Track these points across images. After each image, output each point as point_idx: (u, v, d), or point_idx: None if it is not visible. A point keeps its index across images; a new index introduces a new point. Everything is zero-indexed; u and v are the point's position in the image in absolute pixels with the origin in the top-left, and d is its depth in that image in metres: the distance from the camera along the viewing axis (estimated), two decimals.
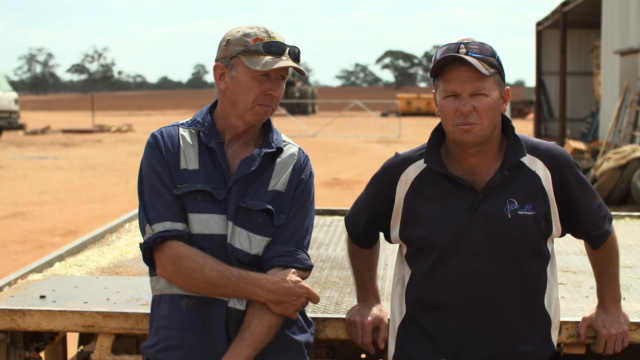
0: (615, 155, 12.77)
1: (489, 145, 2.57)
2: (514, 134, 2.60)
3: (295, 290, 2.56)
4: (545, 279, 2.62)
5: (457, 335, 2.56)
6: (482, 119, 2.48)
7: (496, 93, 2.51)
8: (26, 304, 2.99)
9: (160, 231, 2.55)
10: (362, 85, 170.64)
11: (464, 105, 2.47)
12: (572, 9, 22.41)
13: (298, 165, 2.70)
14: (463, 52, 2.48)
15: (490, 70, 2.48)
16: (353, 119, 38.18)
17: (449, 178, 2.57)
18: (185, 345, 2.56)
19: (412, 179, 2.64)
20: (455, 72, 2.49)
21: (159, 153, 2.62)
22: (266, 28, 2.63)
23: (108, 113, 52.75)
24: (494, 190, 2.56)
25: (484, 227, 2.54)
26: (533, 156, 2.60)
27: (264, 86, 2.58)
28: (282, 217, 2.64)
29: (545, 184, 2.58)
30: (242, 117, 2.62)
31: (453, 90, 2.49)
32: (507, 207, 2.55)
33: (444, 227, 2.56)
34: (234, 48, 2.60)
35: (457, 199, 2.56)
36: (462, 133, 2.49)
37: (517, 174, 2.58)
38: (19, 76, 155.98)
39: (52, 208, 12.74)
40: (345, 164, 19.77)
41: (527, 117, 42.08)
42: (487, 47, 2.52)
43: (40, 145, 25.89)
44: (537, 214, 2.56)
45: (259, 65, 2.55)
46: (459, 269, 2.55)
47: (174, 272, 2.55)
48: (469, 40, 2.52)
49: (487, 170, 2.58)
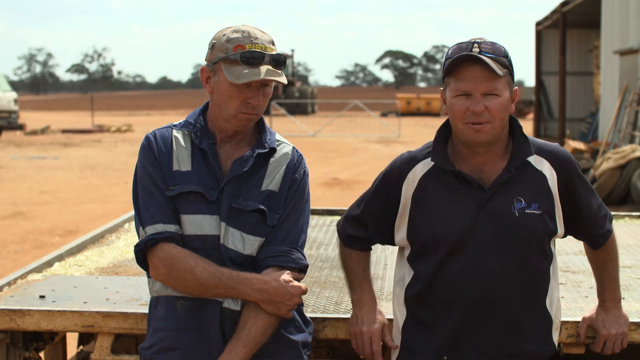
0: (614, 155, 12.77)
1: (496, 145, 2.57)
2: (522, 133, 2.61)
3: (287, 290, 2.56)
4: (549, 278, 2.62)
5: (460, 332, 2.56)
6: (494, 119, 2.49)
7: (507, 93, 2.52)
8: (26, 304, 2.99)
9: (152, 234, 2.56)
10: (361, 85, 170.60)
11: (476, 105, 2.47)
12: (572, 9, 22.40)
13: (291, 165, 2.70)
14: (476, 51, 2.47)
15: (503, 70, 2.49)
16: (353, 119, 38.16)
17: (457, 175, 2.57)
18: (181, 346, 2.57)
19: (419, 177, 2.63)
20: (468, 71, 2.48)
21: (152, 155, 2.63)
22: (251, 32, 2.58)
23: (108, 113, 52.74)
24: (501, 188, 2.56)
25: (491, 224, 2.54)
26: (539, 156, 2.61)
27: (245, 94, 2.57)
28: (275, 217, 2.64)
29: (551, 184, 2.59)
30: (228, 122, 2.63)
31: (466, 89, 2.49)
32: (514, 205, 2.55)
33: (452, 224, 2.56)
34: (217, 54, 2.59)
35: (465, 197, 2.56)
36: (473, 132, 2.49)
37: (524, 173, 2.58)
38: (19, 76, 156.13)
39: (51, 208, 12.74)
40: (345, 164, 19.76)
41: (526, 117, 42.06)
42: (499, 47, 2.52)
43: (40, 145, 25.89)
44: (543, 213, 2.57)
45: (234, 77, 2.54)
46: (466, 266, 2.55)
47: (166, 273, 2.56)
48: (481, 39, 2.51)
49: (494, 169, 2.58)
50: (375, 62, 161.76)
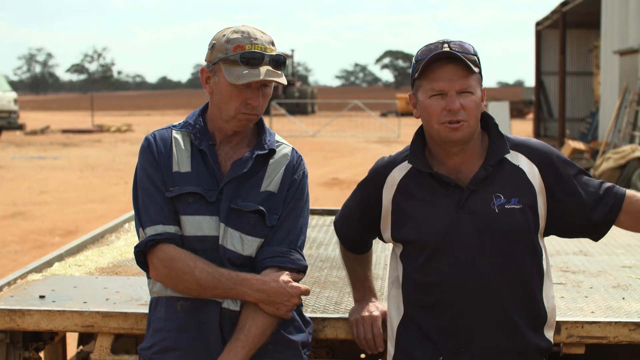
0: (614, 155, 12.77)
1: (471, 144, 2.58)
2: (497, 130, 2.62)
3: (286, 290, 2.56)
4: (540, 274, 2.61)
5: (454, 332, 2.56)
6: (470, 117, 2.50)
7: (479, 91, 2.54)
8: (26, 304, 2.99)
9: (152, 235, 2.56)
10: (361, 85, 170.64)
11: (452, 103, 2.48)
12: (572, 9, 22.41)
13: (291, 166, 2.70)
14: (447, 50, 2.49)
15: (476, 68, 2.50)
16: (353, 119, 38.16)
17: (434, 177, 2.58)
18: (180, 346, 2.57)
19: (398, 181, 2.65)
20: (442, 70, 2.49)
21: (152, 157, 2.63)
22: (251, 33, 2.58)
23: (107, 113, 52.74)
24: (479, 186, 2.56)
25: (472, 223, 2.54)
26: (514, 151, 2.61)
27: (244, 95, 2.57)
28: (274, 218, 2.64)
29: (530, 177, 2.58)
30: (228, 123, 2.63)
31: (441, 88, 2.49)
32: (493, 202, 2.55)
33: (432, 225, 2.56)
34: (217, 54, 2.59)
35: (444, 197, 2.57)
36: (449, 131, 2.50)
37: (501, 169, 2.59)
38: (19, 76, 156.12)
39: (51, 208, 12.74)
40: (345, 164, 19.77)
41: (526, 117, 42.08)
42: (467, 46, 2.54)
43: (40, 145, 25.89)
44: (524, 207, 2.56)
45: (234, 78, 2.54)
46: (451, 267, 2.55)
47: (165, 274, 2.56)
48: (448, 39, 2.53)
49: (471, 168, 2.59)
50: (375, 62, 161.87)
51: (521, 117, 42.18)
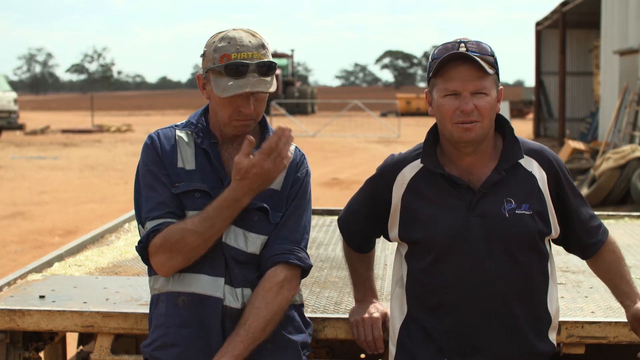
0: (614, 155, 12.76)
1: (484, 145, 2.57)
2: (512, 134, 2.61)
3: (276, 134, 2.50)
4: (546, 278, 2.61)
5: (459, 334, 2.56)
6: (483, 118, 2.49)
7: (494, 92, 2.52)
8: (26, 304, 2.99)
9: (152, 227, 2.56)
10: (361, 85, 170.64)
11: (465, 104, 2.47)
12: (572, 9, 22.42)
13: (294, 164, 2.71)
14: (464, 50, 2.48)
15: (491, 69, 2.49)
16: (352, 119, 38.13)
17: (446, 178, 2.57)
18: (180, 342, 2.57)
19: (409, 180, 2.63)
20: (456, 70, 2.48)
21: (155, 154, 2.63)
22: (238, 39, 2.56)
23: (107, 113, 52.72)
24: (491, 189, 2.55)
25: (481, 226, 2.54)
26: (528, 156, 2.61)
27: (236, 103, 2.57)
28: (277, 215, 2.65)
29: (541, 185, 2.59)
30: (225, 128, 2.64)
31: (454, 88, 2.48)
32: (504, 206, 2.55)
33: (441, 226, 2.55)
34: (207, 63, 2.60)
35: (454, 199, 2.56)
36: (462, 131, 2.49)
37: (514, 174, 2.58)
38: (19, 76, 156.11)
39: (51, 208, 12.74)
40: (345, 164, 19.76)
41: (526, 117, 42.07)
42: (485, 46, 2.52)
43: (40, 145, 25.88)
44: (534, 214, 2.56)
45: (220, 90, 2.55)
46: (458, 269, 2.54)
47: (167, 250, 2.53)
48: (466, 39, 2.52)
49: (483, 170, 2.58)
50: (375, 62, 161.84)
51: (521, 117, 42.17)
